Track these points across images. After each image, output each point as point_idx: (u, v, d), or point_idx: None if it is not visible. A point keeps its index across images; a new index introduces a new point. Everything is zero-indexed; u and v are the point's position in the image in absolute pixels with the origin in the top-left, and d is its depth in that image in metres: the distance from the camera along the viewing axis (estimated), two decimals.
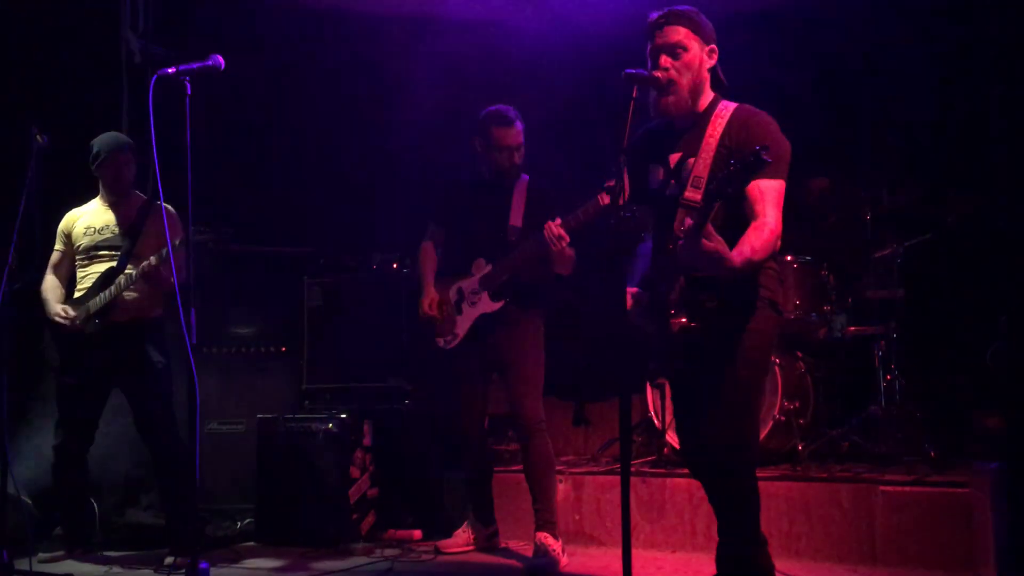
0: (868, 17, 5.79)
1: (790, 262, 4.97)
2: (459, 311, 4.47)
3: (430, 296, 4.51)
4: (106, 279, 4.53)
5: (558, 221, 4.07)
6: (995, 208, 5.11)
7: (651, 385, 5.00)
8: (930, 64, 5.55)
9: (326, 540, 4.85)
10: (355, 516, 5.00)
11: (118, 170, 4.63)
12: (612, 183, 3.89)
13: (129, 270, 4.49)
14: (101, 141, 4.63)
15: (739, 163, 2.61)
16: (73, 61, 5.59)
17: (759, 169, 2.62)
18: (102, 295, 4.48)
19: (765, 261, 2.94)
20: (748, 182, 2.75)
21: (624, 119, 2.80)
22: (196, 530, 4.17)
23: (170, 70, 3.32)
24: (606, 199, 3.93)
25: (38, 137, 4.23)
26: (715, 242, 2.70)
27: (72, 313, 4.52)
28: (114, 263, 4.56)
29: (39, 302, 4.63)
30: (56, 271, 4.70)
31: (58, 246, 4.72)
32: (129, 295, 4.49)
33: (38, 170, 4.21)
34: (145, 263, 4.41)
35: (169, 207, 4.65)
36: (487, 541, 4.68)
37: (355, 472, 5.05)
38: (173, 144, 3.35)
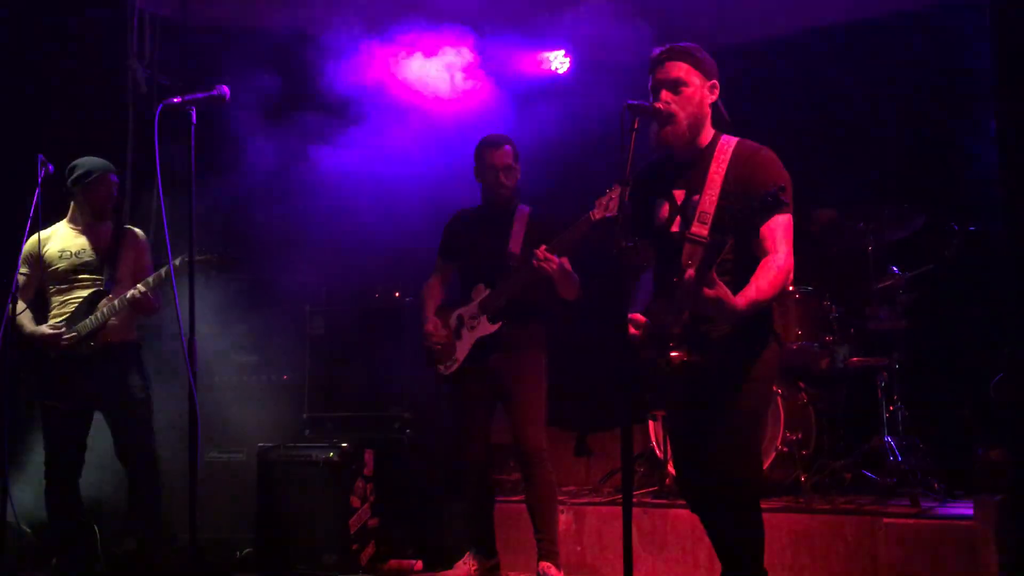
0: (870, 50, 5.84)
1: (792, 292, 4.97)
2: (458, 336, 4.49)
3: (432, 321, 4.54)
4: (91, 303, 4.53)
5: (543, 247, 4.15)
6: (996, 239, 5.11)
7: (648, 417, 4.99)
8: (931, 96, 5.59)
9: (326, 570, 4.81)
10: (355, 546, 4.96)
11: (108, 192, 4.64)
12: (603, 199, 3.96)
13: (113, 296, 4.52)
14: (91, 162, 4.62)
15: (757, 202, 2.63)
16: (80, 90, 5.63)
17: (777, 209, 2.64)
18: (91, 319, 4.49)
19: (773, 300, 2.95)
20: (765, 221, 2.77)
21: (625, 150, 2.83)
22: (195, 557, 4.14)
23: (176, 99, 3.35)
24: (596, 215, 3.99)
25: (44, 165, 4.25)
26: (717, 290, 2.72)
27: (60, 330, 4.48)
28: (95, 287, 4.56)
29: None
30: (23, 295, 4.56)
31: (24, 270, 4.58)
32: (112, 320, 4.52)
33: (44, 197, 4.22)
34: (134, 291, 4.42)
35: (140, 232, 4.71)
36: (489, 572, 4.64)
37: (355, 502, 5.02)
38: (176, 172, 3.38)
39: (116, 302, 4.48)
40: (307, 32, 6.19)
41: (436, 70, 5.76)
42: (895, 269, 4.98)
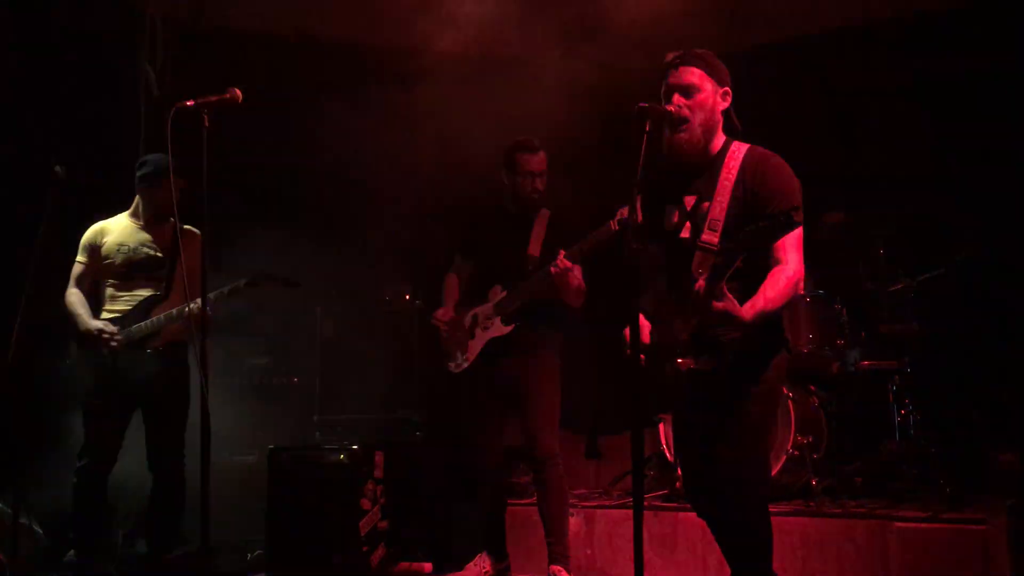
0: (880, 51, 5.83)
1: (803, 296, 4.97)
2: (472, 335, 4.50)
3: (444, 309, 4.57)
4: (148, 306, 4.48)
5: (562, 253, 4.15)
6: (1006, 243, 5.10)
7: (657, 420, 4.99)
8: (942, 98, 5.58)
9: (336, 572, 4.82)
10: (365, 548, 4.97)
11: (173, 191, 4.57)
12: (625, 210, 3.97)
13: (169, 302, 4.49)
14: (159, 161, 4.53)
15: (768, 222, 2.63)
16: (93, 94, 5.65)
17: (789, 230, 2.65)
18: (146, 324, 4.44)
19: (782, 309, 2.95)
20: (775, 240, 2.78)
21: (637, 152, 2.84)
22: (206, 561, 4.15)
23: (188, 103, 3.37)
24: (616, 226, 3.98)
25: (57, 169, 4.25)
26: (726, 303, 2.73)
27: (113, 330, 4.43)
28: (152, 287, 4.51)
29: (46, 326, 4.44)
30: (79, 284, 4.55)
31: (82, 258, 4.58)
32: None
33: (57, 202, 4.23)
34: (194, 305, 4.33)
35: (198, 232, 4.65)
36: (499, 575, 4.65)
37: (366, 504, 5.03)
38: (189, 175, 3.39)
39: (175, 311, 4.43)
40: (317, 36, 6.22)
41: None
42: (906, 272, 4.97)
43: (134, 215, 4.65)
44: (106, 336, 4.43)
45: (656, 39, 4.92)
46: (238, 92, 3.41)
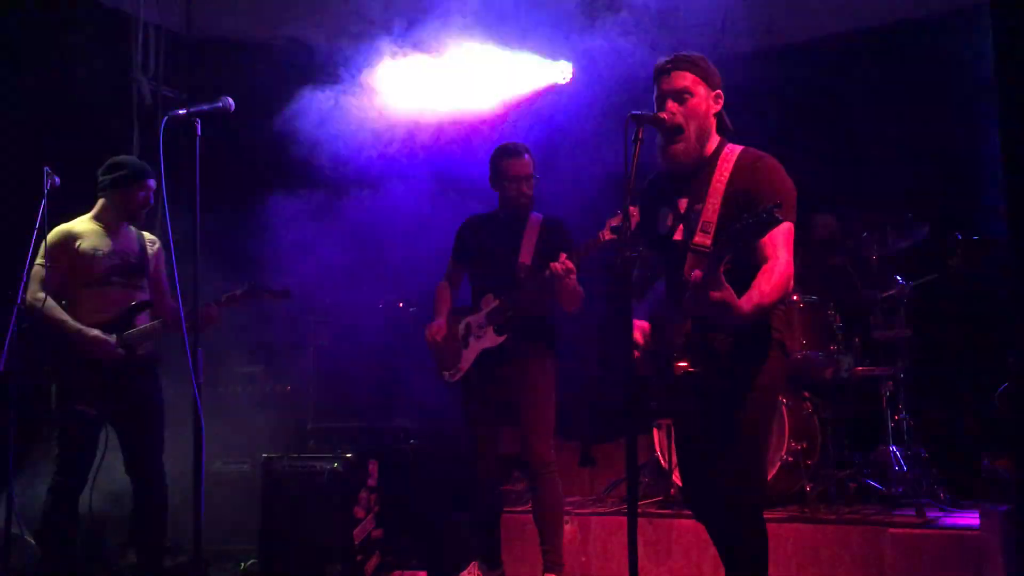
0: (873, 58, 5.85)
1: (796, 302, 4.97)
2: (465, 345, 4.50)
3: (437, 323, 4.54)
4: (133, 311, 4.41)
5: (563, 256, 4.13)
6: (1000, 248, 5.10)
7: (652, 426, 5.00)
8: (936, 104, 5.60)
9: None
10: (359, 557, 4.96)
11: (147, 197, 4.48)
12: (615, 220, 3.98)
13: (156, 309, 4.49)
14: (135, 164, 4.47)
15: (752, 219, 2.63)
16: (85, 102, 5.64)
17: (773, 227, 2.65)
18: (139, 330, 4.37)
19: (777, 304, 2.95)
20: (761, 237, 2.78)
21: (630, 160, 2.84)
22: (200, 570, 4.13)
23: (180, 111, 3.36)
24: (607, 235, 3.99)
25: (50, 177, 4.22)
26: (723, 292, 2.72)
27: (113, 340, 4.31)
28: (129, 292, 4.44)
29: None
30: (47, 289, 4.27)
31: (49, 262, 4.30)
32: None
33: (50, 210, 4.21)
34: (215, 303, 4.37)
35: (156, 239, 4.66)
36: None
37: (360, 513, 5.02)
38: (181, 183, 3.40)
39: (160, 321, 4.40)
40: (312, 44, 6.21)
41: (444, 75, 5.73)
42: (899, 278, 4.98)
43: (98, 219, 4.49)
44: (105, 342, 4.30)
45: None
46: (230, 100, 3.41)
